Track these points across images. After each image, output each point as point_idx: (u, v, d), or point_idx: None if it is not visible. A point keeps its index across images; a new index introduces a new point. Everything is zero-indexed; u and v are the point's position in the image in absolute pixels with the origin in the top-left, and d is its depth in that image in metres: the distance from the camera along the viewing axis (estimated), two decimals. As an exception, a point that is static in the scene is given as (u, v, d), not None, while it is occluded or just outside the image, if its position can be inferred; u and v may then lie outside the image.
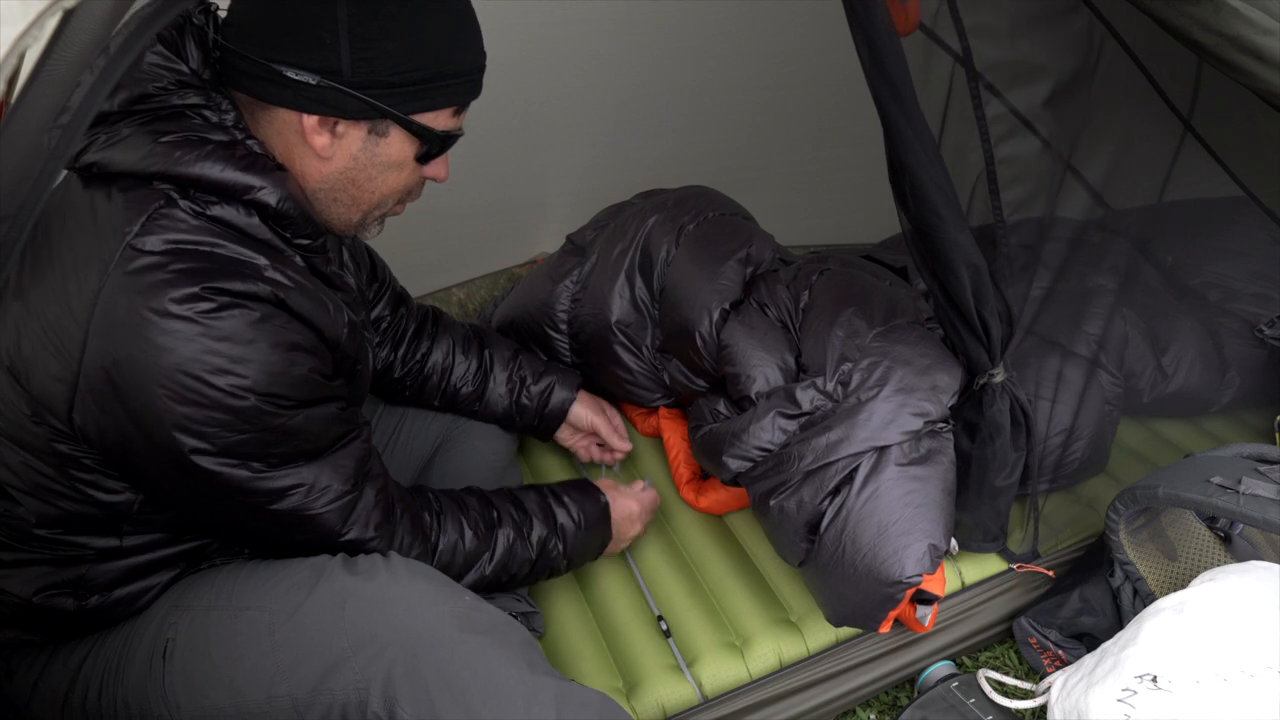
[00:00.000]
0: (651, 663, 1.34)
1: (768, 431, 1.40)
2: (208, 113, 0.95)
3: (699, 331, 1.59)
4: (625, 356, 1.72)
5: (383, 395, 1.54)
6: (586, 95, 2.06)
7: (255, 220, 0.96)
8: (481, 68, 1.06)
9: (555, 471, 1.76)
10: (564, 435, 1.65)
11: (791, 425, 1.39)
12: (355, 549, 1.06)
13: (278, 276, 0.95)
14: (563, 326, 1.79)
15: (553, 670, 1.00)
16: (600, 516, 1.38)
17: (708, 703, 1.30)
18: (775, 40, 2.02)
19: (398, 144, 1.02)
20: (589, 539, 1.36)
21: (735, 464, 1.42)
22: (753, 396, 1.47)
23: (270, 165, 0.96)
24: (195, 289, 0.88)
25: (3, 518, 0.97)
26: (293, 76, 0.94)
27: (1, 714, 1.04)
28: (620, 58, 2.00)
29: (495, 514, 1.25)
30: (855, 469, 1.29)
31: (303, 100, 0.96)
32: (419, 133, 1.02)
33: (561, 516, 1.31)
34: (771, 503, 1.36)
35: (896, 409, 1.31)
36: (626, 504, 1.44)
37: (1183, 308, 1.78)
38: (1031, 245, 1.40)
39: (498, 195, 2.14)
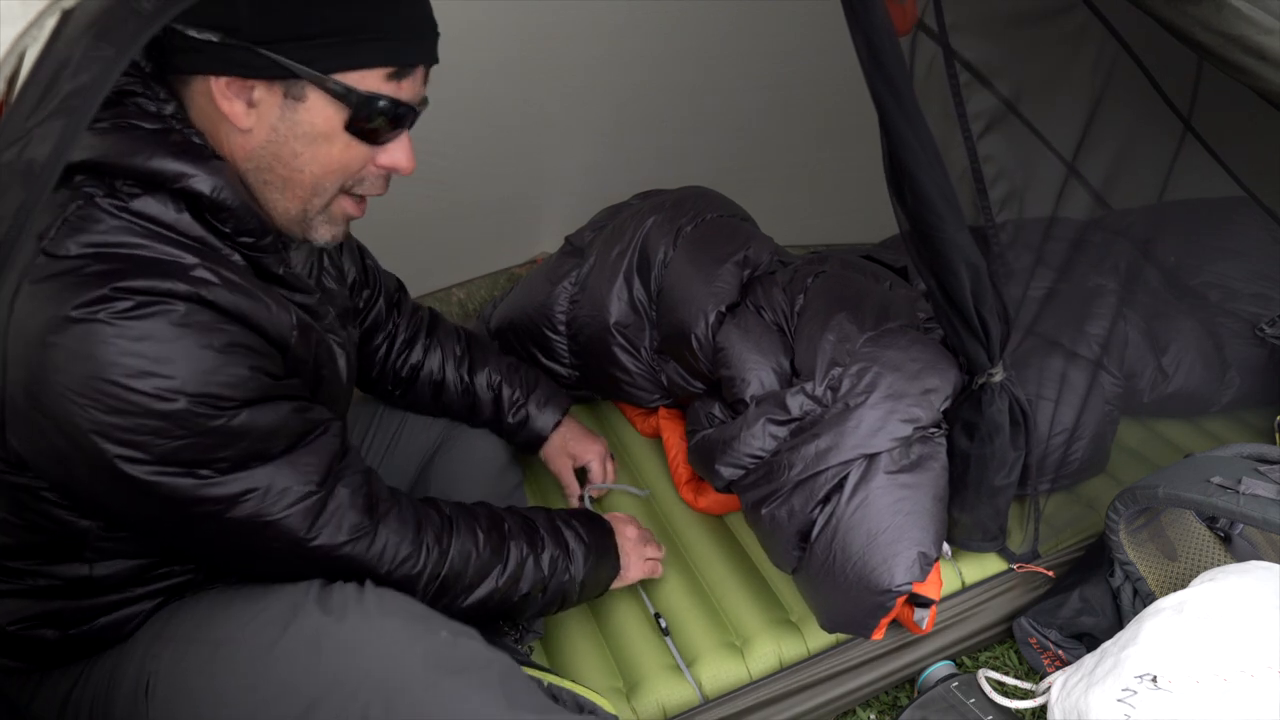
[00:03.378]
0: (651, 663, 1.34)
1: (758, 438, 1.39)
2: (143, 100, 0.89)
3: (695, 334, 1.59)
4: (624, 358, 1.72)
5: (383, 400, 1.54)
6: (586, 96, 2.06)
7: (185, 216, 0.89)
8: (419, 25, 0.95)
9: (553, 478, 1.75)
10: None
11: (781, 431, 1.39)
12: (328, 555, 0.99)
13: (206, 275, 0.87)
14: (561, 328, 1.78)
15: (535, 703, 0.96)
16: (607, 543, 1.33)
17: (708, 703, 1.30)
18: (775, 40, 2.02)
19: (318, 109, 0.91)
20: (598, 566, 1.30)
21: (728, 472, 1.42)
22: (747, 400, 1.47)
23: (207, 154, 0.90)
24: (104, 290, 0.81)
25: None
26: (195, 36, 0.85)
27: None
28: (620, 58, 2.00)
29: (506, 526, 1.20)
30: (845, 477, 1.29)
31: (210, 62, 0.87)
32: (339, 95, 0.90)
33: (570, 538, 1.26)
34: (763, 512, 1.36)
35: (885, 416, 1.31)
36: (625, 530, 1.41)
37: (1183, 308, 1.77)
38: (1030, 245, 1.40)
39: (498, 195, 2.14)
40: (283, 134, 0.92)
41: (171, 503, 0.89)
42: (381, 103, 0.92)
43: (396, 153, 0.98)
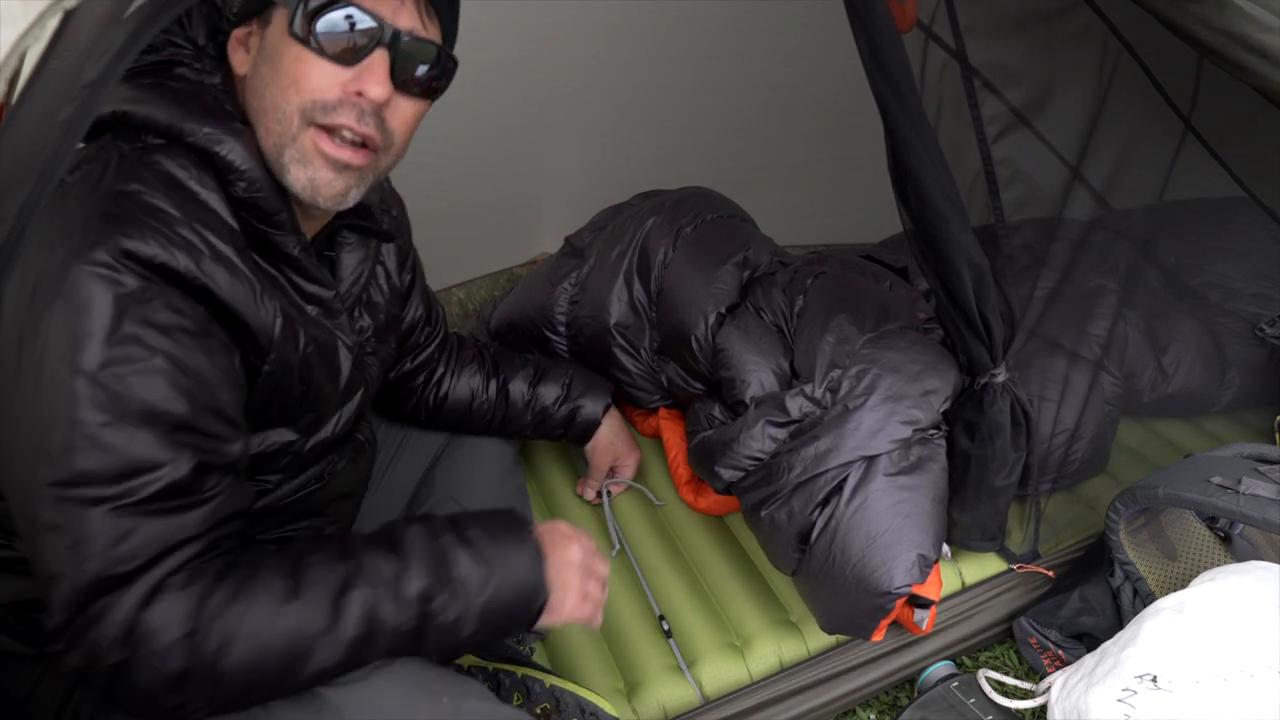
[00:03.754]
0: (652, 663, 1.34)
1: (758, 440, 1.39)
2: (186, 70, 0.92)
3: (695, 335, 1.58)
4: (623, 359, 1.72)
5: (390, 418, 1.52)
6: (587, 96, 2.06)
7: (205, 175, 0.88)
8: None
9: (555, 472, 1.76)
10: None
11: (781, 433, 1.39)
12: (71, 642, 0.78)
13: (193, 240, 0.83)
14: (561, 329, 1.78)
15: None
16: (521, 560, 0.96)
17: (709, 704, 1.30)
18: (775, 40, 2.02)
19: (276, 25, 0.91)
20: (505, 598, 0.94)
21: (728, 474, 1.42)
22: (747, 401, 1.47)
23: (231, 117, 0.90)
24: (94, 235, 0.78)
25: None
26: (234, 11, 0.94)
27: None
28: (620, 58, 2.00)
29: (347, 569, 0.87)
30: (844, 479, 1.29)
31: (234, 21, 0.95)
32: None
33: (462, 563, 0.92)
34: (762, 514, 1.36)
35: (885, 418, 1.31)
36: (566, 547, 1.03)
37: (1183, 308, 1.78)
38: (1034, 246, 1.40)
39: (498, 195, 2.14)
40: (257, 64, 0.93)
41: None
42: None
43: (364, 74, 0.90)
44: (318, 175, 0.93)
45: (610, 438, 1.62)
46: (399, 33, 0.91)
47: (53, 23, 0.63)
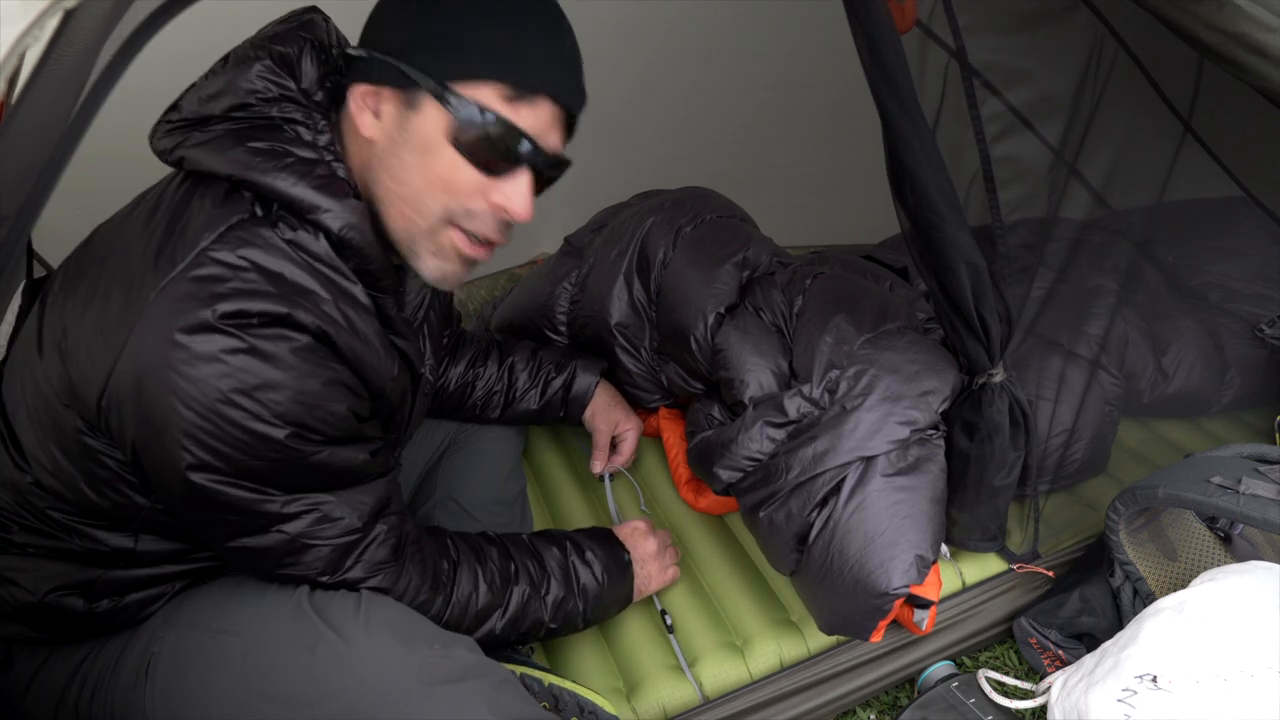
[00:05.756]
0: (652, 663, 1.34)
1: (756, 441, 1.39)
2: (301, 129, 0.93)
3: (694, 335, 1.58)
4: (624, 359, 1.72)
5: None
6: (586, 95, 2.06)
7: (325, 246, 0.93)
8: (546, 54, 0.98)
9: (555, 472, 1.76)
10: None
11: (779, 434, 1.39)
12: (349, 589, 1.00)
13: (333, 313, 0.91)
14: (562, 329, 1.78)
15: (526, 709, 0.99)
16: (623, 572, 1.33)
17: (709, 703, 1.30)
18: (775, 40, 2.02)
19: (430, 118, 0.93)
20: (610, 597, 1.30)
21: (726, 474, 1.42)
22: (746, 401, 1.47)
23: (346, 191, 0.93)
24: (243, 304, 0.84)
25: (24, 498, 0.96)
26: (350, 53, 0.96)
27: None
28: (620, 58, 1.99)
29: (513, 568, 1.20)
30: (842, 480, 1.29)
31: (354, 74, 0.96)
32: (447, 102, 0.91)
33: (584, 576, 1.26)
34: (761, 514, 1.36)
35: (882, 418, 1.31)
36: (646, 544, 1.40)
37: (1183, 308, 1.78)
38: (1033, 245, 1.40)
39: (498, 195, 2.13)
40: (397, 143, 0.94)
41: (230, 509, 0.92)
42: (488, 116, 0.92)
43: (510, 192, 0.97)
44: (449, 268, 1.01)
45: (607, 404, 1.65)
46: (547, 156, 0.99)
47: (52, 23, 0.63)
